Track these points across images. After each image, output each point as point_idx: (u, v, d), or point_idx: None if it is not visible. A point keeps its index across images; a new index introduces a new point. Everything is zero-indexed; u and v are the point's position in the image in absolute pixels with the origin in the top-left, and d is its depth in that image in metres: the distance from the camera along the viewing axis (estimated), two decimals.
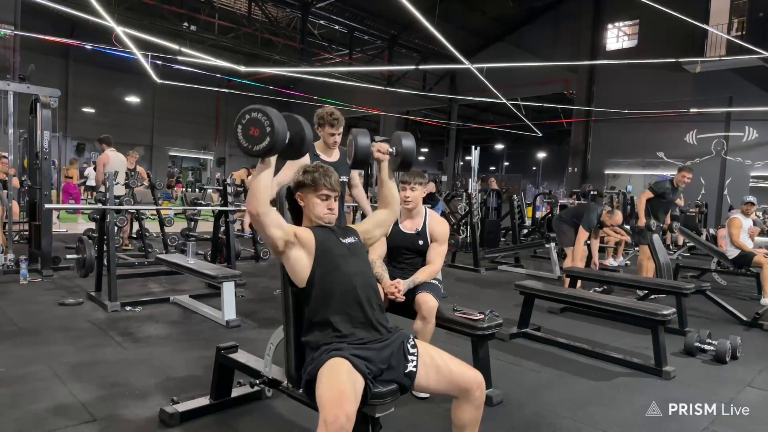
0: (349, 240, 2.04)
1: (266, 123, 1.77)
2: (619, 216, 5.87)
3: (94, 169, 10.49)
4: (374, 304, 1.96)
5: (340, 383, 1.68)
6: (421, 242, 3.06)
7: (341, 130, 3.45)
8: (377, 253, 2.93)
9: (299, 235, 1.94)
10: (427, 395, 2.75)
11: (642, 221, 5.87)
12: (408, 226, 3.08)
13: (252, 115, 1.80)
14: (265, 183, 1.86)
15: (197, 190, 17.86)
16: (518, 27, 18.43)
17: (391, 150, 2.28)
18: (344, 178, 3.50)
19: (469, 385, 1.87)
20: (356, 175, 3.87)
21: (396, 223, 3.00)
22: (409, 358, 1.89)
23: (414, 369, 1.88)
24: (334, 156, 3.50)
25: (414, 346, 1.93)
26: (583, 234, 5.60)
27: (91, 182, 15.71)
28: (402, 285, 2.84)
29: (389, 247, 3.05)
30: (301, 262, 1.92)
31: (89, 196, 14.81)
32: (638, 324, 4.35)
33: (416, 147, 2.37)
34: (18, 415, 2.48)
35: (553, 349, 3.94)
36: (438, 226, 3.10)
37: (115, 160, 7.58)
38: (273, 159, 1.88)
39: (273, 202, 2.00)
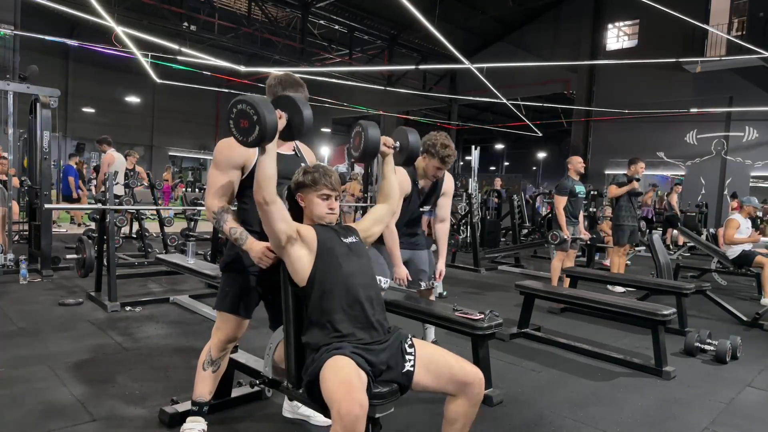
0: (350, 239, 2.03)
1: (252, 113, 1.74)
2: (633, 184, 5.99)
3: (95, 169, 10.50)
4: (374, 304, 1.96)
5: (346, 374, 1.68)
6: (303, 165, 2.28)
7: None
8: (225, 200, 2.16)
9: (302, 232, 1.93)
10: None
11: (635, 184, 6.00)
12: (281, 147, 2.22)
13: (239, 108, 1.78)
14: (270, 170, 1.84)
15: (197, 190, 17.88)
16: (518, 27, 18.45)
17: (396, 144, 2.28)
18: (425, 208, 3.24)
19: (470, 380, 1.86)
20: (447, 206, 3.38)
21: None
22: (407, 357, 1.89)
23: (411, 369, 1.88)
24: (428, 183, 3.19)
25: (411, 345, 1.93)
26: (558, 200, 5.59)
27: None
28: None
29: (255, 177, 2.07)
30: (302, 260, 1.91)
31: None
32: (638, 324, 4.36)
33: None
34: (18, 415, 2.48)
35: (553, 349, 3.94)
36: (308, 151, 2.47)
37: (118, 160, 7.80)
38: (272, 145, 1.84)
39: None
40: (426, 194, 3.20)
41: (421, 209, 3.23)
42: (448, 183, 3.31)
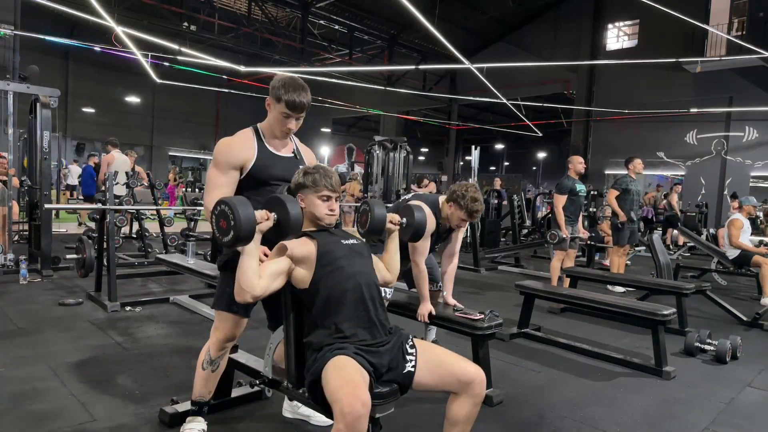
0: (350, 241, 2.04)
1: (231, 216, 1.74)
2: (622, 216, 5.99)
3: (95, 168, 10.50)
4: (377, 303, 1.96)
5: (349, 373, 1.68)
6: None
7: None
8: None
9: (295, 255, 1.91)
10: None
11: (623, 217, 6.04)
12: (280, 148, 2.27)
13: (220, 208, 1.79)
14: (249, 272, 1.81)
15: (197, 190, 17.90)
16: (518, 27, 18.45)
17: (402, 221, 2.30)
18: (437, 246, 3.31)
19: (471, 378, 1.86)
20: (459, 241, 3.31)
21: (262, 144, 2.21)
22: (408, 358, 1.90)
23: (412, 369, 1.88)
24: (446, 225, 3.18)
25: (413, 346, 1.93)
26: (557, 199, 5.59)
27: (72, 181, 15.92)
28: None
29: (254, 178, 2.17)
30: (300, 275, 1.93)
31: (71, 195, 15.21)
32: (638, 324, 4.36)
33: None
34: (18, 415, 2.48)
35: (553, 349, 3.94)
36: (308, 152, 2.44)
37: (119, 161, 7.81)
38: (252, 247, 1.83)
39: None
40: (443, 233, 3.20)
41: (435, 248, 3.28)
42: None
